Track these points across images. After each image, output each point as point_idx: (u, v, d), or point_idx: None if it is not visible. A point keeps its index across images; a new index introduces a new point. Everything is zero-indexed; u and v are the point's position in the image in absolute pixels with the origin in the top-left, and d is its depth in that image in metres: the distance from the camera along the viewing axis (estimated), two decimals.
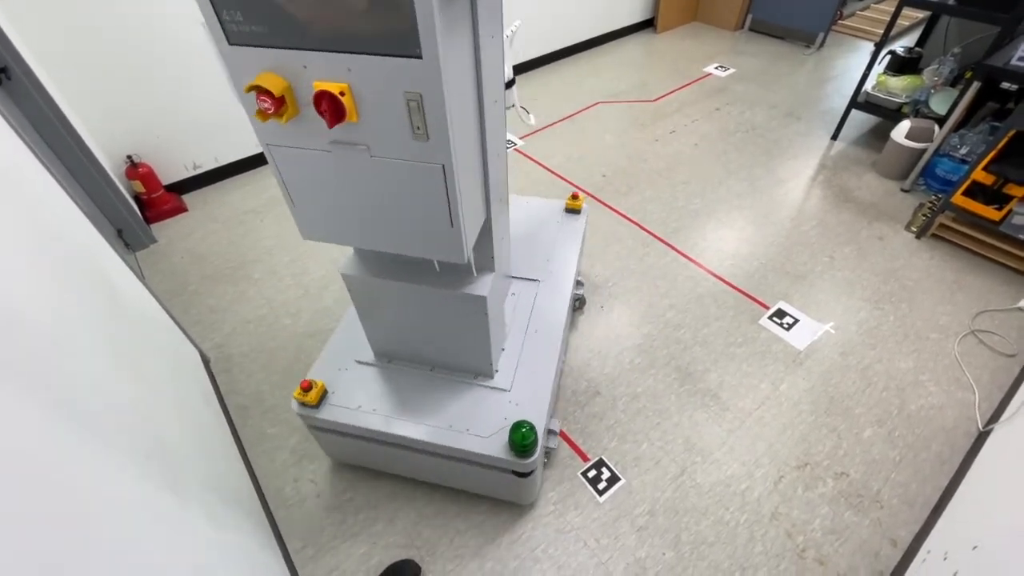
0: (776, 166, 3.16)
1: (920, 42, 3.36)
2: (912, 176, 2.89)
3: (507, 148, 2.63)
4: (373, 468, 1.79)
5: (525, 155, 3.31)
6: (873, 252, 2.59)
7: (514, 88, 1.62)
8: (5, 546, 0.59)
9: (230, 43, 0.89)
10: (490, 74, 1.07)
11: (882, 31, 2.89)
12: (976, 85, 2.44)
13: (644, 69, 4.23)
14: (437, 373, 1.62)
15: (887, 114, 3.09)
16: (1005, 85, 2.74)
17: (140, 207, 2.83)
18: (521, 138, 3.46)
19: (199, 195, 3.06)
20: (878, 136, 3.35)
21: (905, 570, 1.54)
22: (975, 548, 1.33)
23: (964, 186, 2.39)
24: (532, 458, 1.41)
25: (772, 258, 2.58)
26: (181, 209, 2.93)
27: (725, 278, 2.48)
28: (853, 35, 4.66)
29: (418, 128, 0.93)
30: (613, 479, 1.78)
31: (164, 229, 2.83)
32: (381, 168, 1.02)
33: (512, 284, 1.86)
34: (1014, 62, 2.29)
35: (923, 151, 2.81)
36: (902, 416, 1.95)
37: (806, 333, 2.23)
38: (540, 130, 3.54)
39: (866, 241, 2.65)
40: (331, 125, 0.90)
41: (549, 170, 3.17)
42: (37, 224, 1.26)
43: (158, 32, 2.54)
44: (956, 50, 3.02)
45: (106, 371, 1.14)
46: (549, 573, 1.59)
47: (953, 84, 3.03)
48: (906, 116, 2.97)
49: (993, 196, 2.35)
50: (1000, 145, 2.26)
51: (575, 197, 2.16)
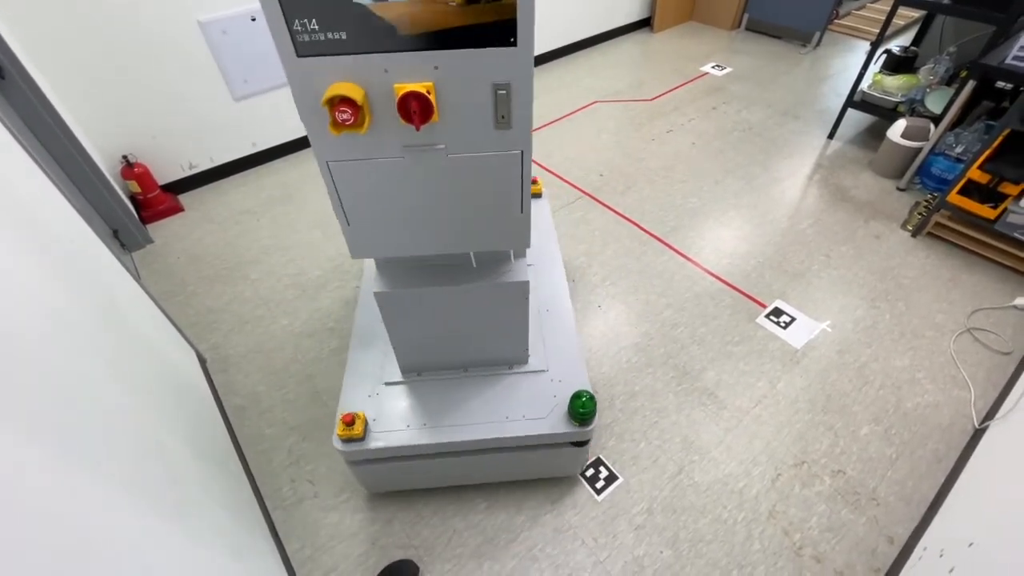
0: (773, 165, 3.17)
1: (916, 41, 3.37)
2: (908, 175, 2.90)
3: None
4: (412, 489, 1.72)
5: None
6: (869, 251, 2.60)
7: None
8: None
9: (299, 55, 0.84)
10: None
11: (878, 30, 2.90)
12: (971, 84, 2.45)
13: (641, 68, 4.23)
14: (471, 373, 1.60)
15: (883, 113, 3.10)
16: (1000, 84, 2.75)
17: (136, 207, 2.82)
18: None
19: (195, 195, 3.05)
20: (874, 135, 3.36)
21: (902, 567, 1.55)
22: (971, 545, 1.34)
23: (960, 185, 2.40)
24: (592, 425, 1.47)
25: (769, 257, 2.58)
26: (177, 209, 2.92)
27: (722, 277, 2.49)
28: (849, 34, 4.67)
29: (503, 117, 0.93)
30: (611, 478, 1.79)
31: (160, 229, 2.82)
32: (457, 165, 1.00)
33: None
34: (1009, 61, 2.30)
35: (919, 150, 2.82)
36: (898, 414, 1.96)
37: (803, 331, 2.24)
38: (537, 129, 3.54)
39: (862, 240, 2.66)
40: (419, 127, 0.88)
41: (547, 169, 3.17)
42: (32, 224, 1.26)
43: (154, 31, 2.53)
44: (951, 49, 3.03)
45: (102, 372, 1.14)
46: (547, 572, 1.59)
47: (948, 83, 3.04)
48: (902, 115, 2.98)
49: (988, 194, 2.36)
50: (995, 144, 2.27)
51: (534, 182, 2.17)
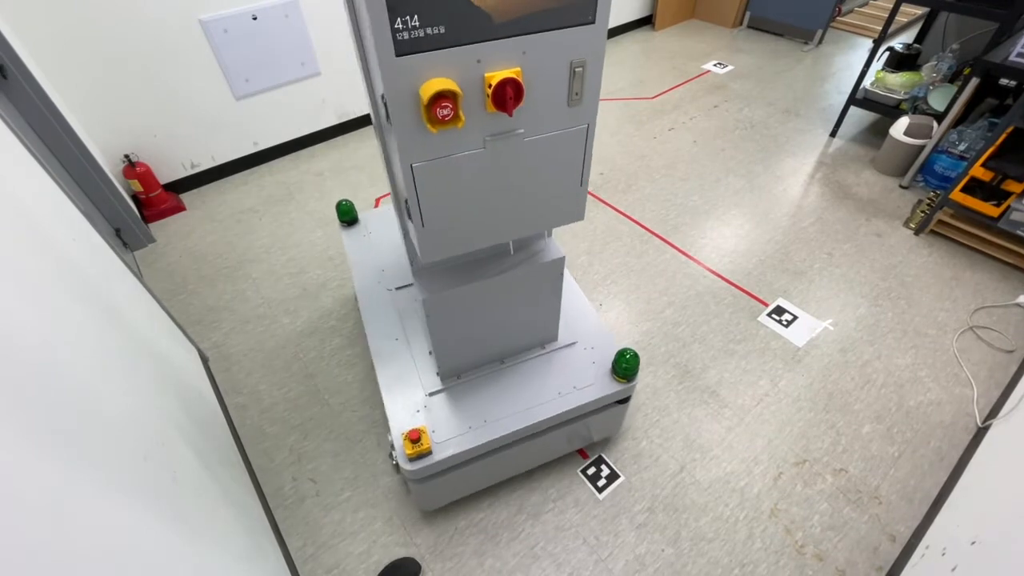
0: (774, 163, 3.16)
1: (919, 38, 3.35)
2: (911, 173, 2.89)
3: None
4: (467, 495, 1.70)
5: None
6: (872, 249, 2.59)
7: None
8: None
9: (398, 54, 0.82)
10: None
11: (880, 27, 2.89)
12: (974, 81, 2.44)
13: (642, 66, 4.22)
14: (507, 363, 1.61)
15: (885, 111, 3.08)
16: (1004, 81, 2.74)
17: (138, 206, 2.83)
18: None
19: (197, 194, 3.05)
20: (876, 133, 3.34)
21: (904, 565, 1.54)
22: (973, 543, 1.33)
23: (963, 182, 2.39)
24: (635, 379, 1.57)
25: (771, 255, 2.58)
26: (179, 208, 2.93)
27: (724, 275, 2.48)
28: (851, 32, 4.66)
29: (576, 94, 0.96)
30: (612, 476, 1.79)
31: (162, 228, 2.83)
32: (532, 148, 1.03)
33: None
34: (1012, 58, 2.29)
35: (922, 147, 2.80)
36: (901, 412, 1.95)
37: (805, 330, 2.23)
38: None
39: (864, 238, 2.65)
40: (511, 112, 0.91)
41: None
42: (35, 224, 1.26)
43: (156, 31, 2.54)
44: (955, 46, 3.02)
45: (104, 370, 1.14)
46: (548, 570, 1.59)
47: (951, 80, 3.03)
48: (904, 113, 2.97)
49: (991, 192, 2.35)
50: (999, 141, 2.26)
51: None
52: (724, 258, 2.57)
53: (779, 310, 2.32)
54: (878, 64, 3.14)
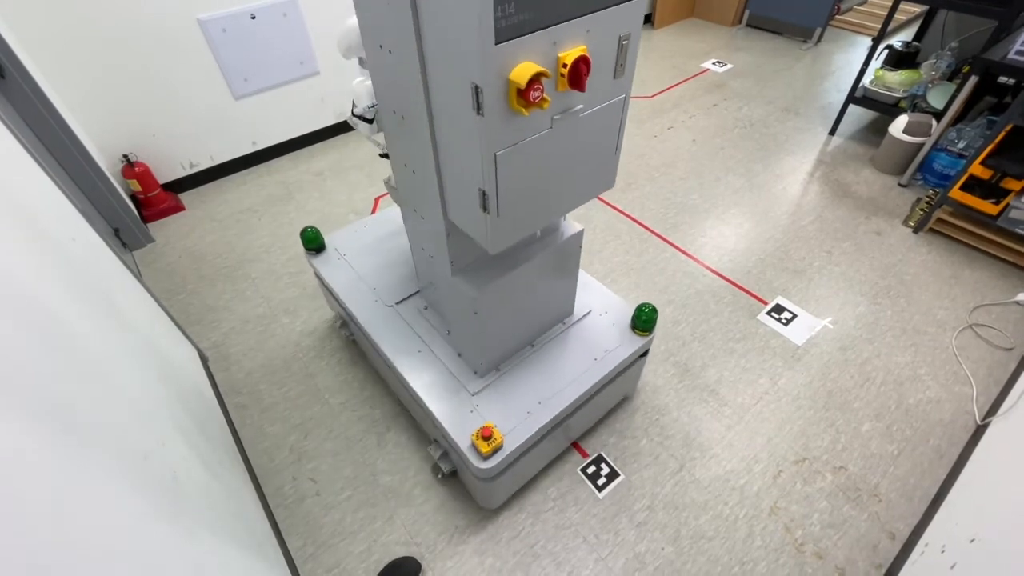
0: (774, 162, 3.16)
1: (918, 36, 3.36)
2: (910, 171, 2.89)
3: None
4: (522, 484, 1.73)
5: None
6: (871, 247, 2.59)
7: None
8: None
9: (497, 42, 0.83)
10: None
11: (879, 26, 2.89)
12: (973, 79, 2.44)
13: (641, 65, 4.22)
14: (537, 345, 1.68)
15: (885, 109, 3.09)
16: (1003, 79, 2.74)
17: (137, 206, 2.82)
18: None
19: (196, 194, 3.05)
20: (876, 131, 3.35)
21: (903, 563, 1.55)
22: (972, 541, 1.34)
23: (962, 180, 2.40)
24: (654, 331, 1.69)
25: (770, 254, 2.58)
26: (178, 208, 2.93)
27: (723, 274, 2.48)
28: (850, 30, 4.66)
29: (621, 65, 1.03)
30: (612, 475, 1.79)
31: (161, 228, 2.83)
32: (586, 122, 1.07)
33: None
34: (1011, 56, 2.29)
35: (921, 146, 2.81)
36: (900, 410, 1.95)
37: (804, 328, 2.24)
38: None
39: (864, 236, 2.65)
40: (584, 88, 0.95)
41: None
42: (33, 224, 1.26)
43: (154, 30, 2.53)
44: (954, 44, 3.02)
45: (103, 370, 1.14)
46: (548, 569, 1.59)
47: (951, 78, 3.03)
48: (904, 111, 2.97)
49: (990, 190, 2.35)
50: (998, 139, 2.26)
51: None
52: (723, 257, 2.57)
53: (778, 308, 2.32)
54: (877, 62, 3.14)
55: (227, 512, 1.34)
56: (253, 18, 2.74)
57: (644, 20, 4.77)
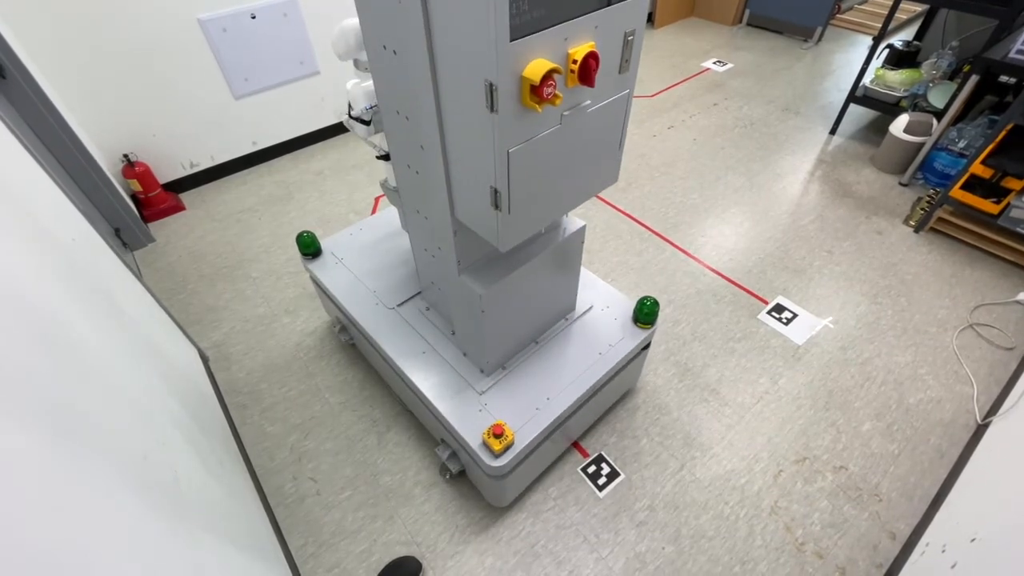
0: (774, 161, 3.16)
1: (918, 36, 3.35)
2: (910, 170, 2.89)
3: None
4: (530, 482, 1.73)
5: None
6: (871, 246, 2.59)
7: None
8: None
9: (512, 39, 0.84)
10: None
11: (880, 25, 2.88)
12: (974, 78, 2.44)
13: (641, 65, 4.22)
14: (541, 342, 1.69)
15: (885, 108, 3.08)
16: (1003, 78, 2.74)
17: (137, 206, 2.82)
18: None
19: (196, 194, 3.05)
20: (876, 130, 3.34)
21: (904, 563, 1.54)
22: (973, 540, 1.34)
23: (962, 180, 2.39)
24: (656, 323, 1.70)
25: (770, 253, 2.58)
26: (179, 208, 2.93)
27: (724, 273, 2.48)
28: (851, 29, 4.65)
29: (626, 61, 1.05)
30: (613, 474, 1.79)
31: (162, 228, 2.83)
32: (593, 118, 1.08)
33: None
34: (1012, 55, 2.29)
35: (921, 145, 2.80)
36: (901, 410, 1.95)
37: (805, 328, 2.23)
38: None
39: (864, 235, 2.65)
40: (594, 83, 0.96)
41: None
42: (34, 224, 1.26)
43: (154, 30, 2.53)
44: (954, 43, 3.01)
45: (104, 370, 1.14)
46: (549, 568, 1.59)
47: (951, 78, 3.03)
48: (904, 110, 2.97)
49: (991, 189, 2.35)
50: (998, 138, 2.25)
51: None
52: (724, 256, 2.56)
53: (779, 308, 2.32)
54: (878, 61, 3.14)
55: (227, 512, 1.34)
56: (253, 18, 2.74)
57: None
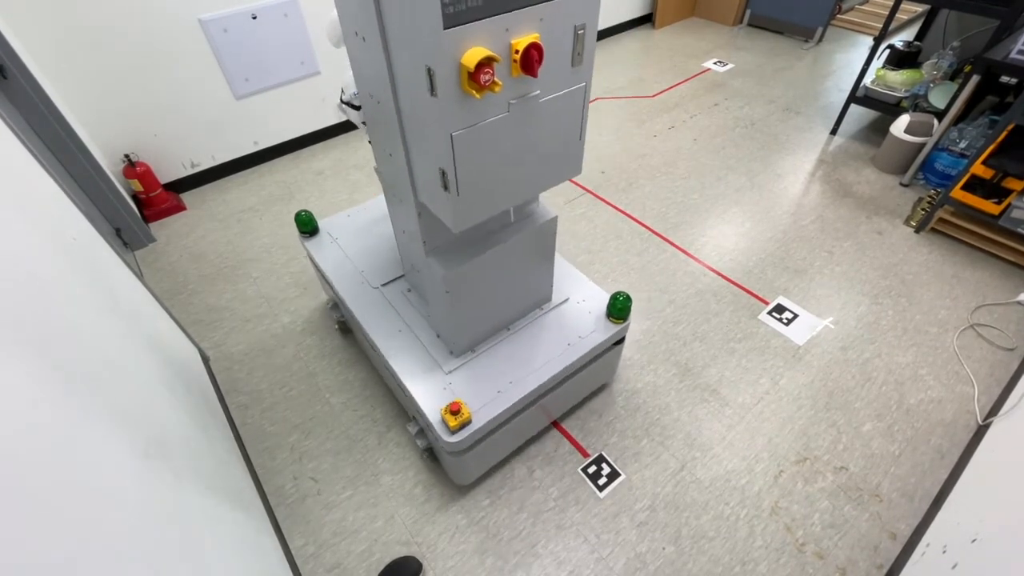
0: (775, 161, 3.16)
1: (919, 36, 3.35)
2: (911, 170, 2.88)
3: None
4: (494, 463, 1.78)
5: None
6: (872, 247, 2.59)
7: None
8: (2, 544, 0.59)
9: (445, 27, 0.88)
10: None
11: (881, 25, 2.88)
12: (975, 79, 2.44)
13: (642, 65, 4.22)
14: (514, 329, 1.72)
15: (886, 108, 3.08)
16: (1004, 79, 2.73)
17: (138, 206, 2.83)
18: None
19: (197, 194, 3.05)
20: (877, 131, 3.34)
21: (904, 563, 1.54)
22: (974, 541, 1.33)
23: (963, 180, 2.39)
24: (629, 319, 1.73)
25: (771, 253, 2.57)
26: (179, 208, 2.93)
27: (724, 273, 2.48)
28: (852, 29, 4.65)
29: (579, 54, 1.07)
30: (613, 475, 1.79)
31: (163, 228, 2.83)
32: (545, 108, 1.11)
33: None
34: (1013, 55, 2.29)
35: (922, 145, 2.80)
36: (901, 410, 1.95)
37: (805, 328, 2.23)
38: None
39: (865, 236, 2.65)
40: (536, 74, 0.99)
41: None
42: (35, 223, 1.26)
43: (155, 30, 2.53)
44: (955, 44, 3.01)
45: (105, 370, 1.14)
46: (550, 568, 1.59)
47: (952, 78, 3.02)
48: (905, 110, 2.97)
49: (992, 190, 2.35)
50: (999, 139, 2.25)
51: None
52: (724, 256, 2.56)
53: (779, 308, 2.32)
54: (878, 62, 3.14)
55: (228, 511, 1.34)
56: (254, 18, 2.74)
57: (645, 20, 4.74)
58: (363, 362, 2.15)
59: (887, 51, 3.13)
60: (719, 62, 4.20)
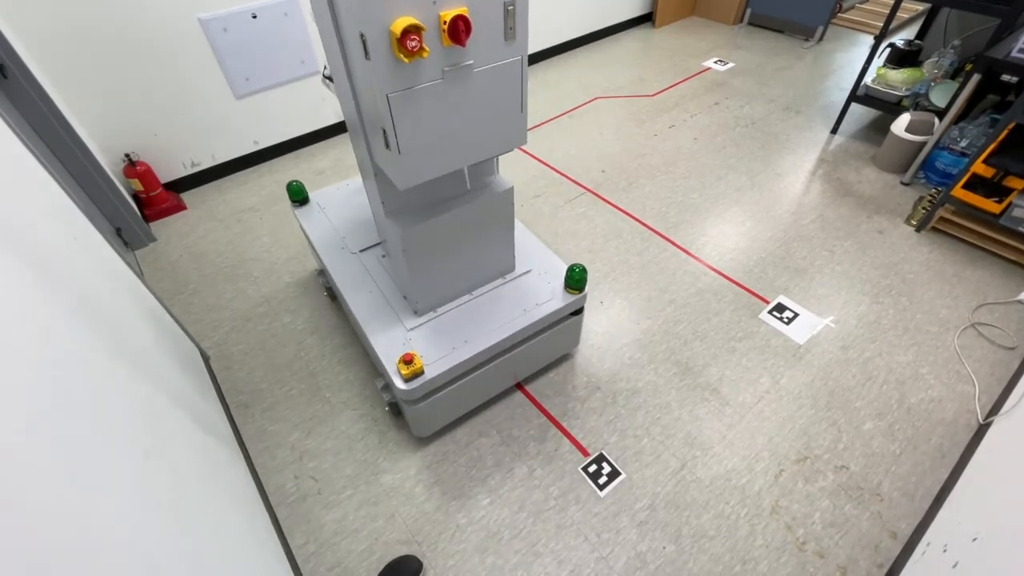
0: (775, 160, 3.15)
1: (920, 35, 3.35)
2: (912, 169, 2.88)
3: None
4: (454, 419, 1.90)
5: (524, 151, 3.30)
6: (873, 246, 2.59)
7: None
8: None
9: None
10: None
11: (882, 24, 2.88)
12: (976, 77, 2.43)
13: (643, 64, 4.21)
14: (476, 294, 1.84)
15: (887, 107, 3.08)
16: (1005, 77, 2.73)
17: (139, 206, 2.83)
18: None
19: (197, 193, 3.05)
20: (878, 130, 3.34)
21: (905, 562, 1.54)
22: (975, 540, 1.33)
23: (964, 179, 2.39)
24: (585, 290, 1.82)
25: (772, 252, 2.57)
26: (180, 207, 2.93)
27: (725, 273, 2.48)
28: (852, 28, 4.64)
29: (511, 28, 1.16)
30: (614, 474, 1.79)
31: (163, 227, 2.83)
32: (480, 78, 1.21)
33: None
34: (1014, 54, 2.28)
35: (923, 144, 2.80)
36: (902, 409, 1.95)
37: (806, 327, 2.23)
38: (538, 126, 3.53)
39: (866, 235, 2.65)
40: (464, 43, 1.09)
41: (548, 166, 3.17)
42: (35, 223, 1.26)
43: (155, 30, 2.53)
44: (956, 42, 3.00)
45: (105, 370, 1.14)
46: (550, 568, 1.59)
47: (953, 77, 3.02)
48: (906, 109, 2.97)
49: (993, 189, 2.34)
50: (1000, 138, 2.25)
51: None
52: (725, 255, 2.56)
53: (780, 307, 2.32)
54: (879, 61, 3.13)
55: (228, 511, 1.34)
56: (254, 17, 2.74)
57: (645, 19, 4.75)
58: (363, 361, 2.15)
59: (888, 50, 3.12)
60: (719, 61, 4.20)
